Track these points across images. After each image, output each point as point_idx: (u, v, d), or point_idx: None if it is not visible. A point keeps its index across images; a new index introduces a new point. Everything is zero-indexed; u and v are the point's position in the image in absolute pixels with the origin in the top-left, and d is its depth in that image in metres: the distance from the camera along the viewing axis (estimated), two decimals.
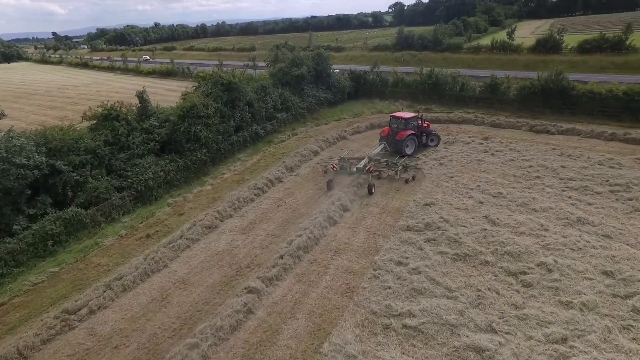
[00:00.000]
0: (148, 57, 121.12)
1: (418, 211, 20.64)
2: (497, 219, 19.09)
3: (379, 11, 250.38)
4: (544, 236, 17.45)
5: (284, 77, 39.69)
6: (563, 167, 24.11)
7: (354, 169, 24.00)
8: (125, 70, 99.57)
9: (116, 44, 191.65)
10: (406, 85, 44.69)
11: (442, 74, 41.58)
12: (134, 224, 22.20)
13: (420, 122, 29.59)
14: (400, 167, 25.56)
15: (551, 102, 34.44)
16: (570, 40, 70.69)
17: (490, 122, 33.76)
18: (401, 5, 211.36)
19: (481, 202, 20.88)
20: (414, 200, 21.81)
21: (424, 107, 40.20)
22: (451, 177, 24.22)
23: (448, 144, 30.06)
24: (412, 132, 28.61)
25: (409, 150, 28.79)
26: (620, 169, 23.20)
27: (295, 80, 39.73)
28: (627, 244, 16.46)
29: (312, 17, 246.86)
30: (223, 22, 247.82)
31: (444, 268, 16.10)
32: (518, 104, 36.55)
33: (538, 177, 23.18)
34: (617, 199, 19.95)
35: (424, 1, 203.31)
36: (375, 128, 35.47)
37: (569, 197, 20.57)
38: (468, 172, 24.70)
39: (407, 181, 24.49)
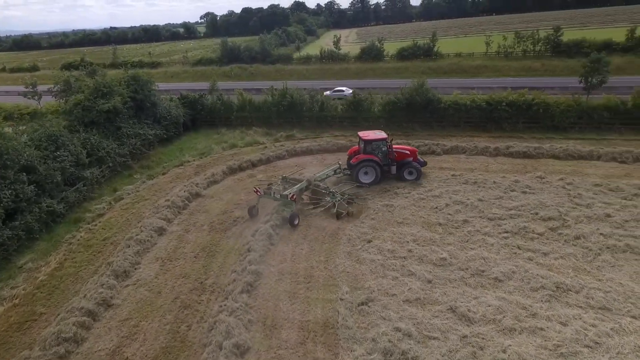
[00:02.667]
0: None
1: (357, 321, 13.34)
2: (468, 310, 13.32)
3: (189, 22, 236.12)
4: (542, 329, 12.38)
5: (87, 115, 27.17)
6: (480, 200, 20.43)
7: (278, 195, 20.19)
8: None
9: None
10: (256, 108, 37.11)
11: (298, 91, 35.49)
12: None
13: (388, 147, 23.17)
14: (339, 198, 20.76)
15: (419, 117, 32.03)
16: (390, 47, 75.13)
17: None
18: (213, 15, 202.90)
19: (429, 281, 14.94)
20: (341, 299, 14.41)
21: (284, 133, 33.43)
22: (369, 242, 17.76)
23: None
24: (371, 157, 22.61)
25: (366, 179, 22.93)
26: (533, 193, 20.74)
27: (105, 118, 27.61)
28: (632, 316, 12.65)
29: (112, 28, 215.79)
30: None
31: None
32: (385, 121, 33.18)
33: (465, 220, 18.76)
34: (565, 241, 16.69)
35: (236, 11, 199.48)
36: (236, 172, 26.77)
37: (519, 249, 16.46)
38: (385, 229, 18.69)
39: (338, 216, 19.76)
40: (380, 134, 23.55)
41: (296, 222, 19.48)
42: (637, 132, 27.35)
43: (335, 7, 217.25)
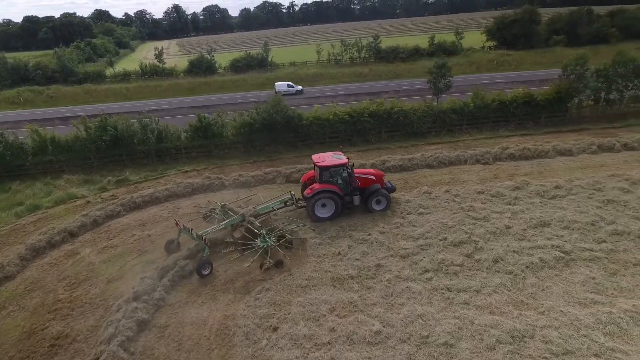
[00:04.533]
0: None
1: None
2: None
3: None
4: None
5: None
6: (382, 232, 17.64)
7: (195, 235, 16.33)
8: None
9: None
10: (64, 147, 27.35)
11: (125, 119, 27.51)
12: None
13: (347, 172, 18.92)
14: (270, 243, 16.48)
15: (280, 137, 28.23)
16: (221, 59, 69.89)
17: (233, 182, 23.69)
18: None
19: None
20: None
21: (113, 178, 25.23)
22: (275, 330, 12.81)
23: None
24: (329, 187, 18.48)
25: (323, 214, 18.84)
26: (429, 212, 19.04)
27: None
28: (595, 355, 11.22)
29: None
30: None
31: None
32: (243, 146, 28.36)
33: (378, 265, 15.53)
34: (487, 269, 14.93)
35: (15, 21, 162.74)
36: (45, 253, 17.98)
37: (449, 291, 13.94)
38: (289, 302, 14.01)
39: (262, 267, 15.66)
40: (338, 158, 19.08)
41: (206, 272, 15.53)
42: (481, 131, 29.49)
43: (148, 16, 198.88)
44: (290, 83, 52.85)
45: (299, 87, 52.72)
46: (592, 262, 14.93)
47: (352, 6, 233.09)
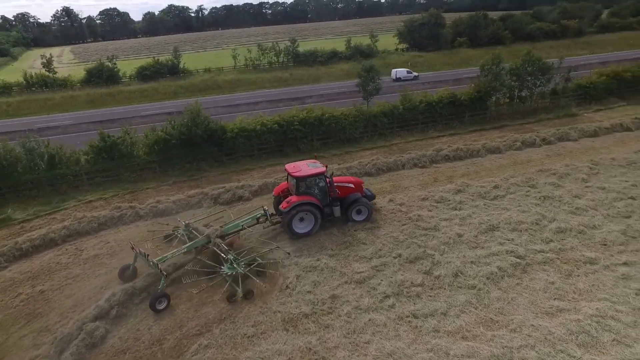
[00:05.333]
0: None
1: None
2: None
3: None
4: None
5: None
6: (331, 255, 15.80)
7: (151, 262, 13.92)
8: None
9: None
10: None
11: (1, 146, 22.26)
12: None
13: (327, 181, 17.06)
14: (239, 270, 14.15)
15: (204, 153, 25.11)
16: (125, 67, 63.11)
17: (150, 211, 20.12)
18: None
19: None
20: None
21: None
22: None
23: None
24: (307, 199, 16.64)
25: (301, 229, 16.99)
26: (378, 226, 17.55)
27: None
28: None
29: None
30: None
31: None
32: (159, 167, 24.69)
33: (333, 296, 13.66)
34: (449, 285, 13.86)
35: None
36: None
37: (415, 317, 12.55)
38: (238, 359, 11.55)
39: (229, 299, 13.53)
40: (315, 167, 17.19)
41: (162, 306, 13.34)
42: (412, 133, 29.26)
43: (32, 20, 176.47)
44: (408, 69, 54.26)
45: (416, 73, 53.99)
46: (547, 265, 14.66)
47: (263, 10, 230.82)
